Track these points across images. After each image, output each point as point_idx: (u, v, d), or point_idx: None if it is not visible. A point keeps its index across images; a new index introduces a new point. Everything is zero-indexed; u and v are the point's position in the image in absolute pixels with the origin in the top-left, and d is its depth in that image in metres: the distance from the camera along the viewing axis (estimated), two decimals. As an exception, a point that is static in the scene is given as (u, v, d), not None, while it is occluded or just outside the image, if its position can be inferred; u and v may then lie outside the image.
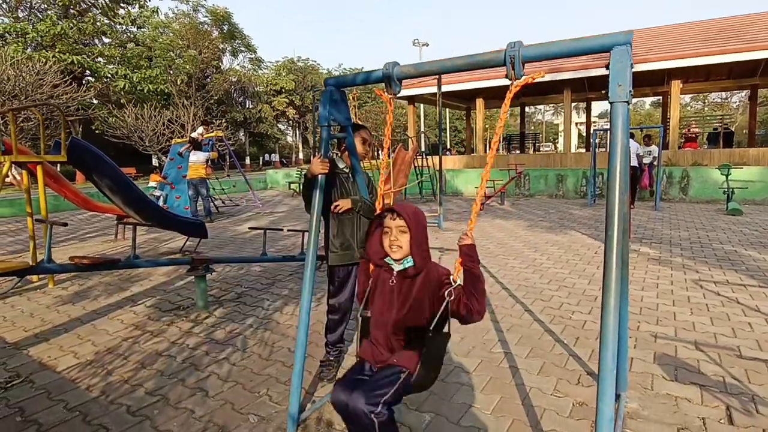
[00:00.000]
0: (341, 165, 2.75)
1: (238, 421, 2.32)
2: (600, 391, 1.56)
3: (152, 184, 10.65)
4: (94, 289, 4.87)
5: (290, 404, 2.22)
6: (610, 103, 1.64)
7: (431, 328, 1.71)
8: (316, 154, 2.44)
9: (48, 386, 2.73)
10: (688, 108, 48.22)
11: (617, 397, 2.37)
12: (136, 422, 2.33)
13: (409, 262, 1.79)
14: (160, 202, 9.68)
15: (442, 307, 1.70)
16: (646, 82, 16.10)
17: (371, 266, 1.93)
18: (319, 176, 2.33)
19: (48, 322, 3.88)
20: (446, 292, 1.70)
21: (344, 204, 2.60)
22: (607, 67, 1.65)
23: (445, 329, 1.74)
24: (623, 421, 2.21)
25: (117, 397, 2.59)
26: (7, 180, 4.90)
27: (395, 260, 1.82)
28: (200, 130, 11.70)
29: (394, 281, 1.81)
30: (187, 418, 2.35)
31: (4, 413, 2.45)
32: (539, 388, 2.56)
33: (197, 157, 9.66)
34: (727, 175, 9.50)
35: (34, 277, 5.20)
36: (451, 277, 1.76)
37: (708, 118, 30.19)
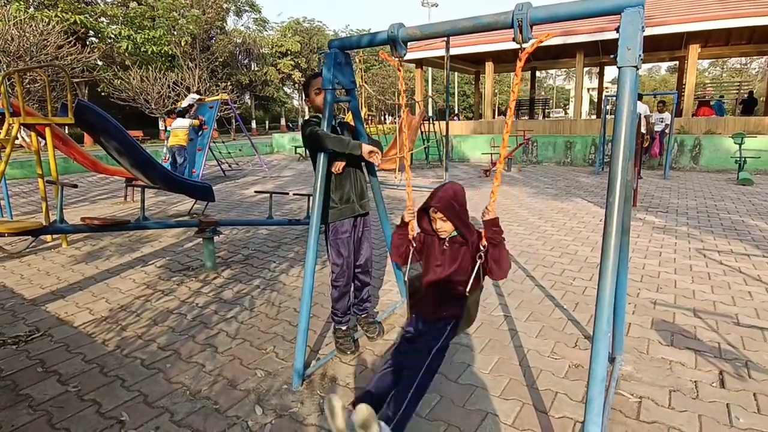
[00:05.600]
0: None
1: (246, 375, 2.43)
2: (593, 353, 1.62)
3: (170, 127, 10.69)
4: (106, 249, 4.99)
5: (296, 361, 2.31)
6: (618, 67, 1.62)
7: (470, 282, 2.05)
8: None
9: (66, 340, 2.86)
10: (706, 74, 46.71)
11: (612, 359, 2.44)
12: (150, 374, 2.45)
13: (455, 234, 2.13)
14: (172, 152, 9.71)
15: (476, 267, 2.03)
16: (662, 46, 15.53)
17: (412, 233, 2.24)
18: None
19: (63, 280, 4.01)
20: (478, 256, 2.03)
21: (340, 163, 2.56)
22: (617, 30, 1.62)
23: (482, 282, 2.11)
24: (617, 383, 2.29)
25: (131, 351, 2.71)
26: (17, 142, 4.94)
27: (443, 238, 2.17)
28: (195, 96, 11.62)
29: (447, 246, 2.14)
30: (198, 372, 2.47)
31: (25, 364, 2.58)
32: (537, 350, 2.64)
33: (180, 123, 9.63)
34: (740, 144, 9.32)
35: (49, 237, 5.32)
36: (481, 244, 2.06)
37: (725, 84, 29.25)
